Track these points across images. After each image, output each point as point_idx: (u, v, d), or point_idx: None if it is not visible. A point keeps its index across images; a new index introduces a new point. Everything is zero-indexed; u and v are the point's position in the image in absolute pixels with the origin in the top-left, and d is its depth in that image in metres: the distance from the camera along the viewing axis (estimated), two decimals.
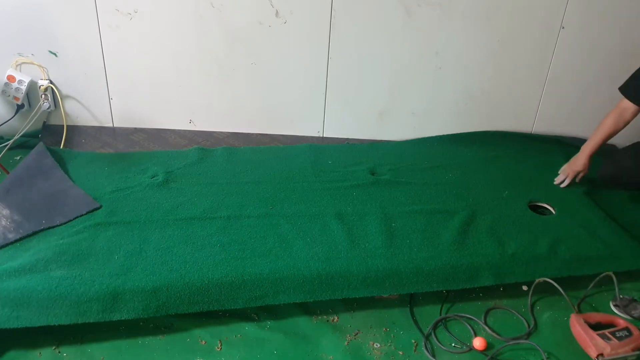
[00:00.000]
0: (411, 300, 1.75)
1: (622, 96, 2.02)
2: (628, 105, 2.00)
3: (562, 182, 2.23)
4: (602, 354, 1.51)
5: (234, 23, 2.37)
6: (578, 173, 2.20)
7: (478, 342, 1.58)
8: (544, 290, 1.77)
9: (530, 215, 2.04)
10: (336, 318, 1.67)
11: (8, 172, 2.18)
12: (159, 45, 2.41)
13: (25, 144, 2.49)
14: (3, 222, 1.81)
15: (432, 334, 1.64)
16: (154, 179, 2.15)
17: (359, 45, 2.43)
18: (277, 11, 2.35)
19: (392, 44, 2.44)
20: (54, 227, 1.83)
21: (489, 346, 1.59)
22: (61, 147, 2.45)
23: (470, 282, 1.75)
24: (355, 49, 2.44)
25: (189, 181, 2.15)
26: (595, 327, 1.60)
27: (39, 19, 2.32)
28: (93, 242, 1.75)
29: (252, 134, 2.63)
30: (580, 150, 2.18)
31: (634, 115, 2.01)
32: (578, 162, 2.18)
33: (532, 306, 1.75)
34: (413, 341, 1.61)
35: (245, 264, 1.69)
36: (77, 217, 1.89)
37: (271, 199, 2.05)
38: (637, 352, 1.53)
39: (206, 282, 1.62)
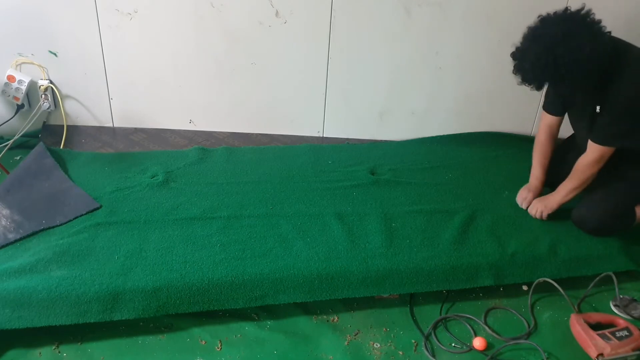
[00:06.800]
0: (411, 300, 1.75)
1: (545, 113, 2.09)
2: (549, 121, 2.08)
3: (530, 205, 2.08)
4: (602, 354, 1.51)
5: (233, 23, 2.37)
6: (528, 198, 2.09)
7: (478, 342, 1.58)
8: (544, 290, 1.78)
9: (530, 215, 2.04)
10: (336, 318, 1.67)
11: (8, 172, 2.18)
12: (159, 45, 2.41)
13: (25, 144, 2.49)
14: (3, 222, 1.81)
15: (432, 334, 1.64)
16: (154, 179, 2.15)
17: (359, 45, 2.43)
18: (277, 11, 2.35)
19: (392, 44, 2.44)
20: (54, 227, 1.83)
21: (489, 346, 1.59)
22: (61, 147, 2.45)
23: (470, 282, 1.75)
24: (355, 48, 2.44)
25: (189, 181, 2.15)
26: (595, 327, 1.60)
27: (39, 19, 2.32)
28: (93, 242, 1.75)
29: (252, 134, 2.63)
30: (531, 176, 2.12)
31: (559, 125, 2.10)
32: (531, 187, 2.10)
33: (532, 306, 1.75)
34: (413, 341, 1.61)
35: (245, 264, 1.69)
36: (77, 217, 1.89)
37: (271, 199, 2.05)
38: (637, 352, 1.53)
39: (206, 282, 1.62)
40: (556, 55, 1.63)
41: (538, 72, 1.70)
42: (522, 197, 2.09)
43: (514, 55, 1.77)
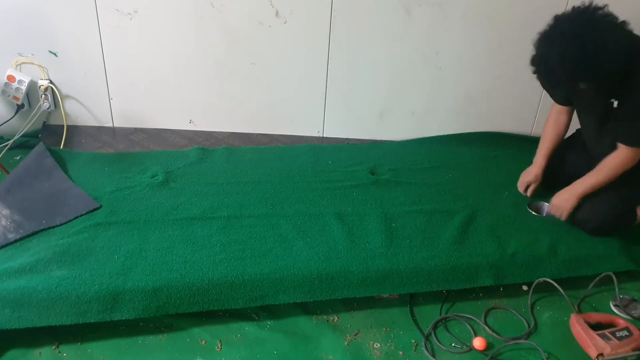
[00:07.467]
0: (411, 300, 1.75)
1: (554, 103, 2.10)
2: (559, 109, 2.09)
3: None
4: (602, 354, 1.51)
5: (233, 23, 2.37)
6: (530, 184, 2.13)
7: (478, 342, 1.58)
8: (544, 290, 1.78)
9: (530, 215, 2.04)
10: (336, 318, 1.67)
11: (8, 172, 2.18)
12: (159, 45, 2.41)
13: (25, 144, 2.49)
14: (3, 222, 1.82)
15: (432, 334, 1.64)
16: (154, 179, 2.15)
17: (359, 45, 2.43)
18: (277, 11, 2.35)
19: (392, 44, 2.44)
20: (54, 227, 1.83)
21: (489, 346, 1.59)
22: (61, 147, 2.45)
23: (470, 282, 1.75)
24: (355, 48, 2.44)
25: (189, 181, 2.15)
26: (595, 327, 1.60)
27: (39, 19, 2.32)
28: (93, 242, 1.75)
29: (252, 134, 2.63)
30: (533, 163, 2.14)
31: (569, 115, 2.10)
32: (531, 172, 2.12)
33: (532, 306, 1.75)
34: (413, 341, 1.61)
35: (245, 264, 1.69)
36: (77, 217, 1.88)
37: (271, 199, 2.05)
38: (637, 352, 1.53)
39: (206, 282, 1.62)
40: (584, 46, 1.58)
41: (569, 68, 1.62)
42: (523, 185, 2.10)
43: (534, 61, 1.70)
